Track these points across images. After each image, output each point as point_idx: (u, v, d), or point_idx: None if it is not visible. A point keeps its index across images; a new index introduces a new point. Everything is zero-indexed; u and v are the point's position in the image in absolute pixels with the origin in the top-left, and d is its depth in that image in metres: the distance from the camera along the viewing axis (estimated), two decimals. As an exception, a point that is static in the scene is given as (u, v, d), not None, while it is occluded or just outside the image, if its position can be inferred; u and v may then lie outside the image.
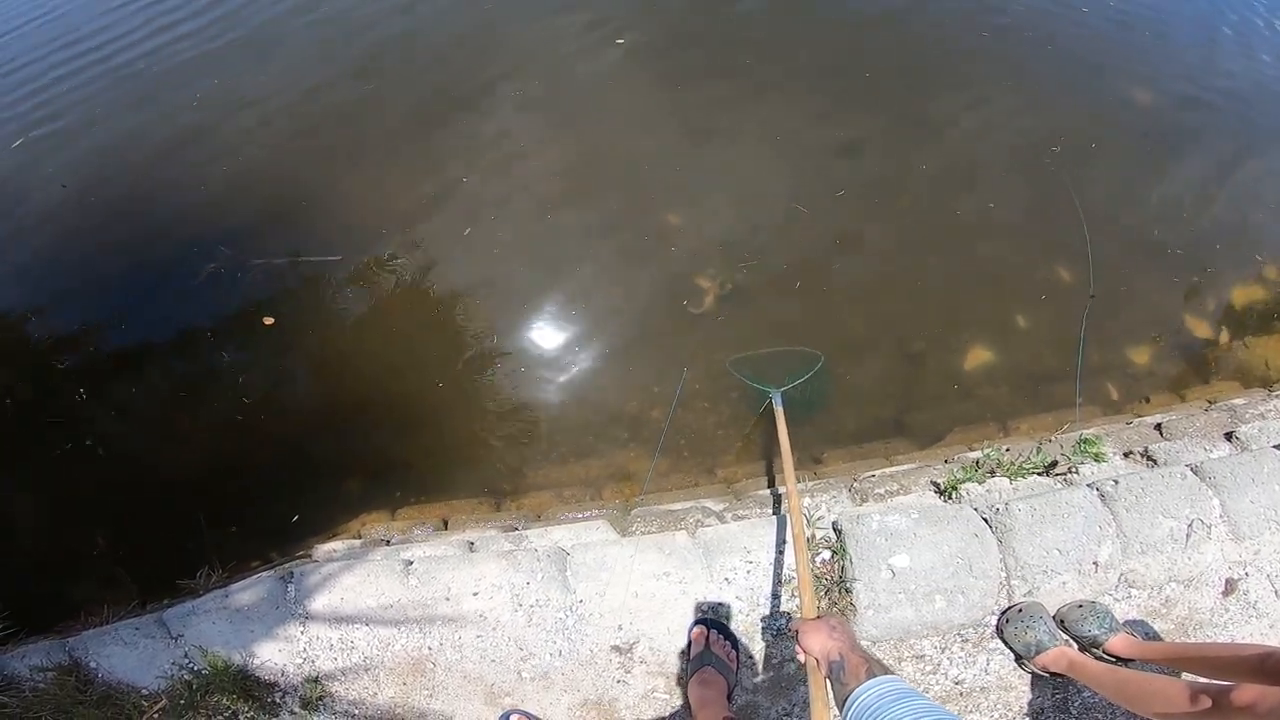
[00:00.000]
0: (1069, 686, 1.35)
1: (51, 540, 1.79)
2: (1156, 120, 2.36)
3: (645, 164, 2.27)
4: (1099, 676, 1.13)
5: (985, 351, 1.81)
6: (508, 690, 1.33)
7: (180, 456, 1.87)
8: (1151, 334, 1.82)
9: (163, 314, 2.11)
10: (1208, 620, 1.30)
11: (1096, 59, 2.54)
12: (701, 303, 1.96)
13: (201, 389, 1.96)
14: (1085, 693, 1.36)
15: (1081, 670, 1.18)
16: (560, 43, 2.65)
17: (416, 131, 2.42)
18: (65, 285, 2.24)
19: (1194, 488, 1.24)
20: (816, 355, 1.79)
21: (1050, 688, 1.34)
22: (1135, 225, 2.03)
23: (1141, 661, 1.18)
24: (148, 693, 1.33)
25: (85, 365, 2.04)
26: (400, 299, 2.08)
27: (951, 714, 0.66)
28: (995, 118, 2.32)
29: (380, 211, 2.22)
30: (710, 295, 1.98)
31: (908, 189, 2.14)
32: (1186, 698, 0.93)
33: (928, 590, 1.25)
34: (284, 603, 1.32)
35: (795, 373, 1.74)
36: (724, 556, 1.34)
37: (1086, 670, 1.16)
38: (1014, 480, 1.38)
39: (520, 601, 1.31)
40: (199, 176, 2.41)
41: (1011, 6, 2.72)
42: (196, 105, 2.71)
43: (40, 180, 2.58)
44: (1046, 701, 1.35)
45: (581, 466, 1.72)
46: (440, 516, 1.69)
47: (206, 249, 2.18)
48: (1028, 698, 1.35)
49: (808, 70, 2.49)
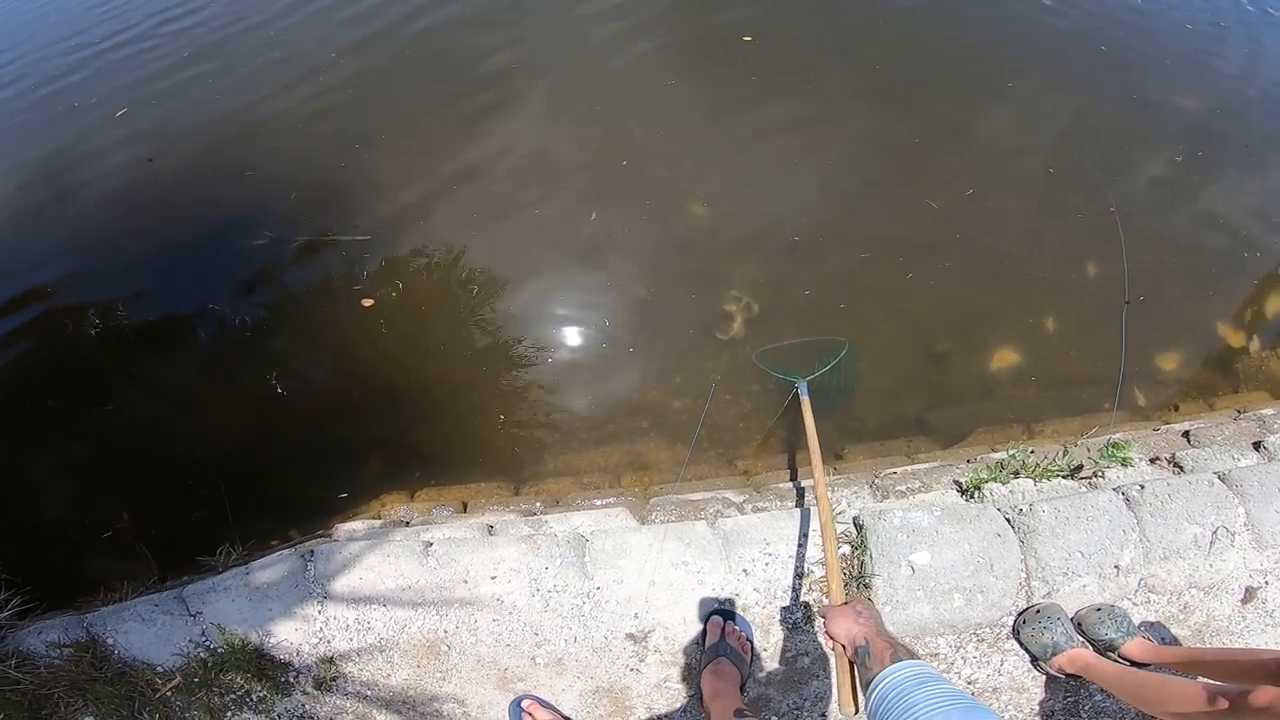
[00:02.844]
0: (1080, 689, 1.41)
1: (75, 513, 1.85)
2: (1200, 125, 2.39)
3: (677, 156, 2.33)
4: (1116, 678, 1.17)
5: (1012, 353, 1.85)
6: (521, 675, 1.38)
7: (204, 432, 1.93)
8: (1182, 341, 1.86)
9: (198, 289, 2.20)
10: (1225, 627, 1.35)
11: (1143, 62, 2.57)
12: (727, 297, 2.01)
13: (229, 366, 2.04)
14: (1097, 696, 1.42)
15: (1098, 672, 1.22)
16: (590, 36, 2.73)
17: (449, 118, 2.53)
18: (111, 255, 2.34)
19: (1220, 495, 1.29)
20: (842, 342, 1.83)
21: (1063, 690, 1.40)
22: (1171, 231, 2.07)
23: (1157, 665, 1.22)
24: (162, 670, 1.37)
25: (117, 336, 2.13)
26: (426, 282, 2.15)
27: (973, 699, 0.68)
28: (1034, 117, 2.35)
29: (411, 195, 2.31)
30: (737, 290, 2.02)
31: (940, 187, 2.18)
32: (1204, 699, 0.97)
33: (947, 588, 1.30)
34: (303, 581, 1.37)
35: (822, 360, 1.78)
36: (743, 548, 1.38)
37: (1103, 672, 1.20)
38: (1038, 482, 1.42)
39: (538, 586, 1.35)
40: (247, 157, 2.53)
41: (1070, 10, 2.74)
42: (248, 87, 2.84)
43: (121, 150, 2.69)
44: (1058, 704, 1.41)
45: (601, 454, 1.77)
46: (460, 499, 1.74)
47: (249, 226, 2.28)
48: (1040, 699, 1.40)
49: (846, 66, 2.53)
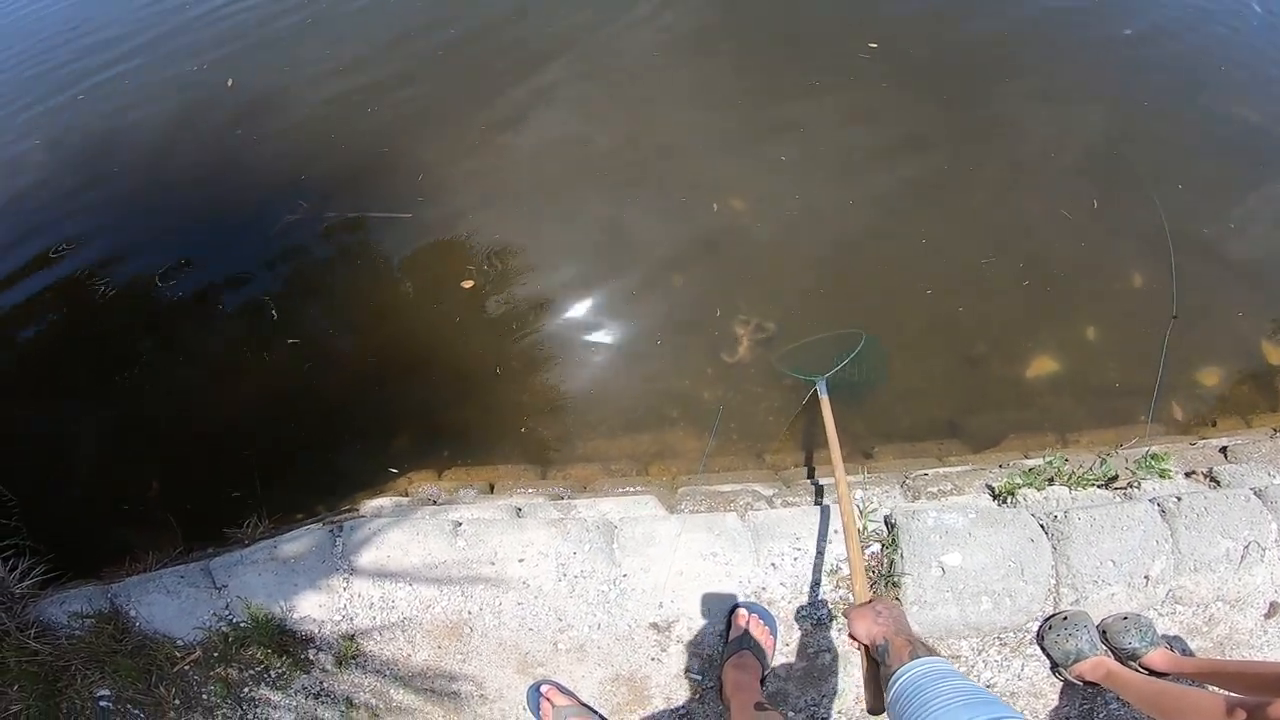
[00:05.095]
0: (1096, 698, 1.47)
1: (102, 481, 1.88)
2: (1259, 139, 2.39)
3: (714, 146, 2.34)
4: (1136, 687, 1.22)
5: (1051, 361, 1.88)
6: (541, 661, 1.42)
7: (234, 404, 1.97)
8: (1224, 357, 1.89)
9: (235, 261, 2.25)
10: (1245, 641, 1.41)
11: (1203, 70, 2.56)
12: (760, 293, 2.03)
13: (261, 338, 2.09)
14: (1112, 704, 1.48)
15: (1118, 680, 1.27)
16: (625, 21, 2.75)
17: (492, 104, 2.57)
18: (148, 221, 2.40)
19: (1255, 510, 1.33)
20: (859, 334, 1.85)
21: (1079, 698, 1.46)
22: (1220, 245, 2.08)
23: (1176, 676, 1.27)
24: (182, 643, 1.39)
25: (150, 303, 2.18)
26: (461, 262, 2.19)
27: (992, 695, 0.71)
28: (1089, 124, 2.35)
29: (449, 176, 2.36)
30: (772, 286, 2.05)
31: (986, 190, 2.19)
32: (1223, 710, 1.01)
33: (975, 590, 1.34)
34: (330, 556, 1.40)
35: (840, 355, 1.80)
36: (772, 541, 1.42)
37: (1124, 681, 1.25)
38: (1073, 490, 1.47)
39: (565, 571, 1.39)
40: (285, 132, 2.59)
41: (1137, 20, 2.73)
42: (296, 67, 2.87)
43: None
44: (1074, 711, 1.47)
45: (630, 441, 1.80)
46: (487, 480, 1.78)
47: (286, 201, 2.33)
48: (1055, 705, 1.46)
49: (890, 63, 2.53)
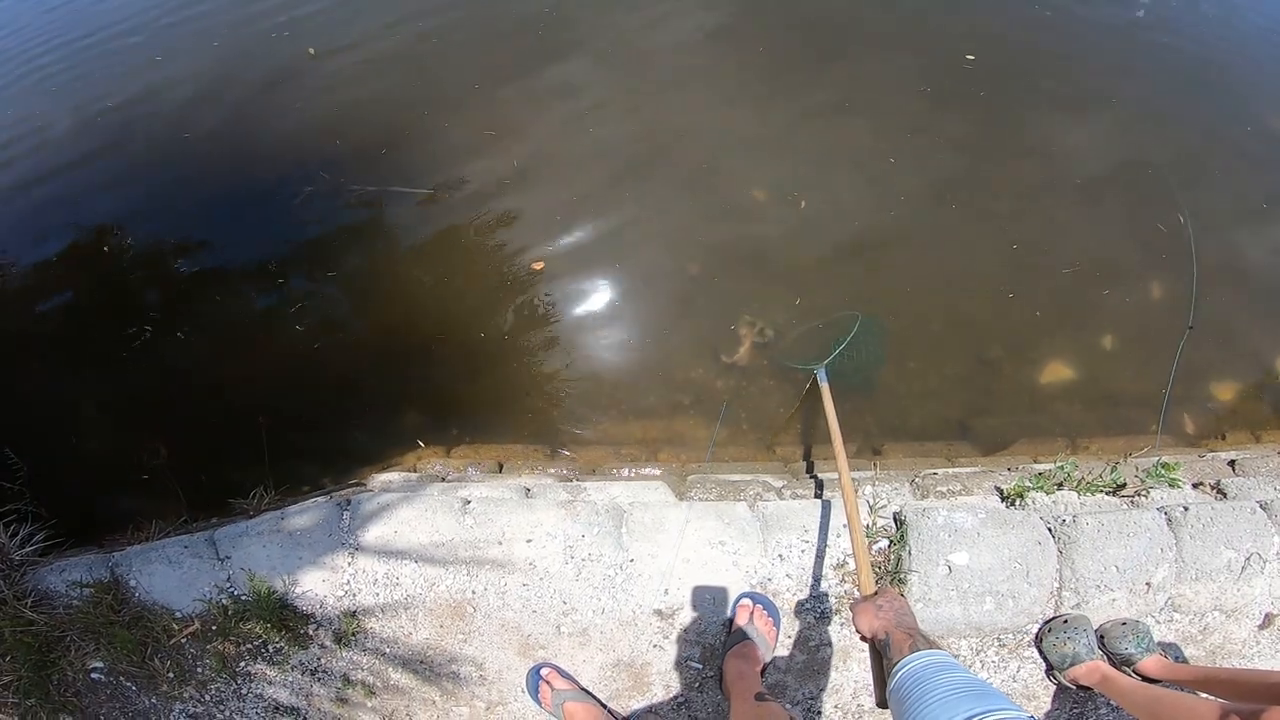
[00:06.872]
0: (1088, 702, 1.53)
1: (108, 448, 1.89)
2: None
3: (733, 135, 2.36)
4: (1131, 693, 1.27)
5: (1064, 367, 1.91)
6: (543, 643, 1.45)
7: (244, 374, 1.98)
8: (1238, 372, 1.94)
9: (253, 232, 2.27)
10: (1238, 650, 1.47)
11: (1243, 86, 2.58)
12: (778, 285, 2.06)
13: (274, 310, 2.10)
14: (1103, 709, 1.55)
15: (1114, 685, 1.32)
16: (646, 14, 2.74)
17: (512, 78, 2.59)
18: (165, 194, 2.41)
19: (1260, 523, 1.39)
20: (854, 316, 1.87)
21: (1070, 702, 1.52)
22: (1244, 262, 2.11)
23: (1170, 682, 1.32)
24: (181, 615, 1.40)
25: (166, 272, 2.19)
26: (478, 242, 2.21)
27: (991, 687, 0.73)
28: (1108, 131, 2.37)
29: (470, 154, 2.37)
30: (789, 276, 2.07)
31: (1009, 194, 2.21)
32: (1216, 717, 1.07)
33: (980, 590, 1.39)
34: (337, 530, 1.41)
35: (837, 340, 1.82)
36: (781, 533, 1.45)
37: (1119, 686, 1.30)
38: (1082, 495, 1.52)
39: (572, 554, 1.41)
40: (307, 104, 2.61)
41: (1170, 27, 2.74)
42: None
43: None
44: (1065, 715, 1.53)
45: (640, 426, 1.83)
46: (496, 459, 1.80)
47: (307, 173, 2.34)
48: (1047, 709, 1.53)
49: (917, 67, 2.54)
